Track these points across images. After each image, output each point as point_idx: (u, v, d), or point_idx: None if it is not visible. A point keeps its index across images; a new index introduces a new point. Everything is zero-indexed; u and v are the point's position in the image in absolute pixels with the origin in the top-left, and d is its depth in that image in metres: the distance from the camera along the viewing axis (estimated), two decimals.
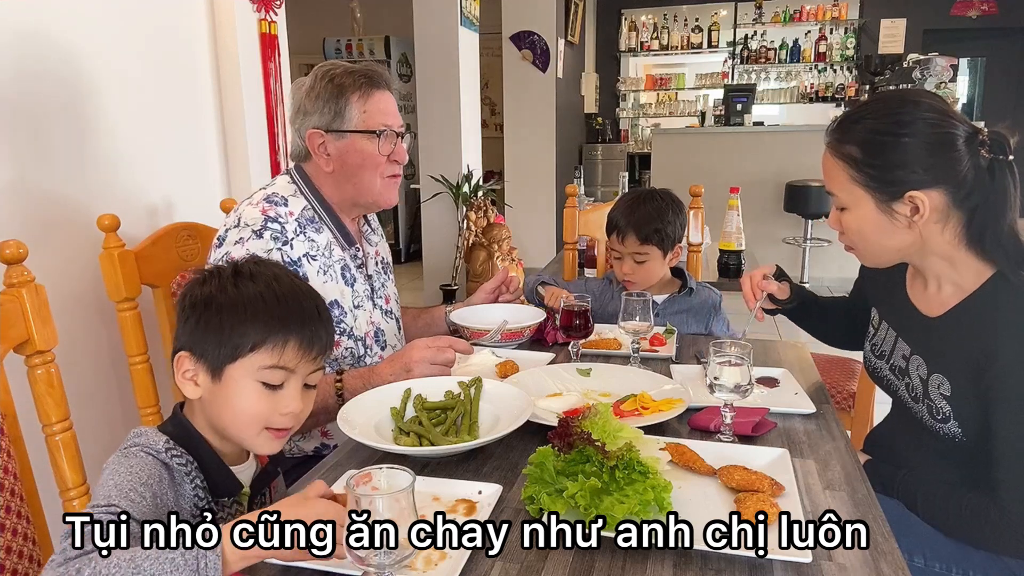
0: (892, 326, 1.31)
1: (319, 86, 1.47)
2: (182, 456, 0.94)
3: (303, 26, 6.30)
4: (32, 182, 1.50)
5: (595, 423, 0.98)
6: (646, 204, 1.82)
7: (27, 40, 1.48)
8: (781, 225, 5.68)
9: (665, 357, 1.60)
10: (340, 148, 1.48)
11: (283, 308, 0.96)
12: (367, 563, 0.71)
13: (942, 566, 1.15)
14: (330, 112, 1.46)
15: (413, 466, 0.95)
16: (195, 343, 0.96)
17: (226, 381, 0.95)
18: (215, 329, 0.94)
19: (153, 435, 0.95)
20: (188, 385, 0.97)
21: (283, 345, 0.94)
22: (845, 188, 1.18)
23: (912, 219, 1.13)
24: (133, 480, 0.86)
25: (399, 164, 1.52)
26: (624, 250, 1.83)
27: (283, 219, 1.43)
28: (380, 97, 1.49)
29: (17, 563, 1.02)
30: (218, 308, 0.95)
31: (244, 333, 0.94)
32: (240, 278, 0.97)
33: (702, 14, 8.49)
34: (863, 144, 1.14)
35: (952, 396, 1.15)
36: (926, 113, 1.11)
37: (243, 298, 0.95)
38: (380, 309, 1.62)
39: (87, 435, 1.29)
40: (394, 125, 1.50)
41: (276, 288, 0.97)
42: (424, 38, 4.66)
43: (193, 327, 0.96)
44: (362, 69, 1.49)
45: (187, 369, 0.96)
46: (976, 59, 7.73)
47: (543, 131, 6.45)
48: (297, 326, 0.96)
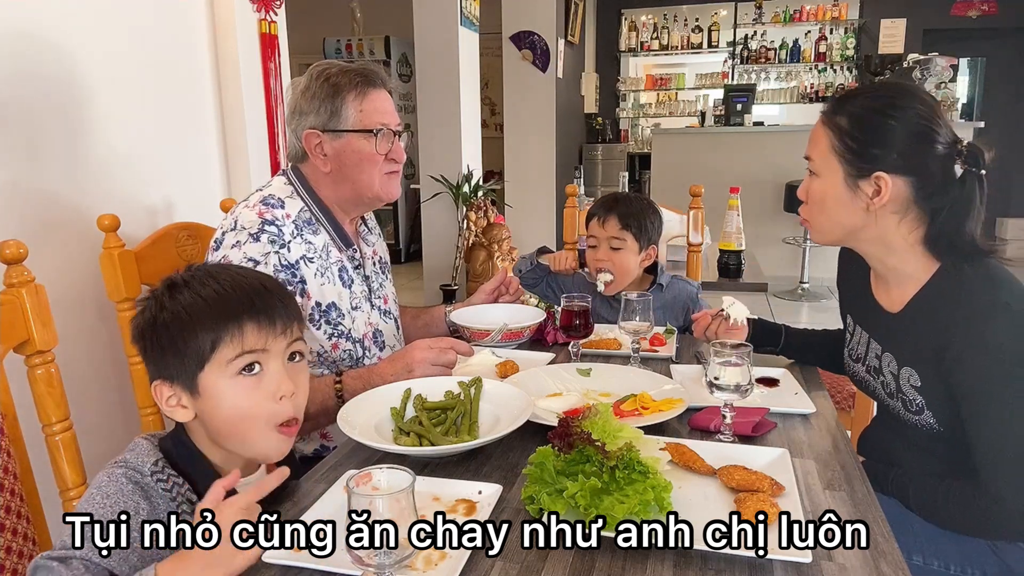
0: (863, 328, 1.35)
1: (315, 86, 1.47)
2: (168, 480, 0.93)
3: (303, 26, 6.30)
4: (32, 182, 1.50)
5: (595, 423, 0.98)
6: (631, 200, 1.90)
7: (26, 40, 1.48)
8: (781, 225, 5.68)
9: (665, 357, 1.60)
10: (337, 148, 1.47)
11: (224, 298, 0.93)
12: (367, 563, 0.71)
13: (940, 564, 1.16)
14: (326, 112, 1.46)
15: (413, 466, 0.95)
16: (161, 368, 0.94)
17: (205, 391, 0.92)
18: (170, 347, 0.92)
19: (145, 452, 0.94)
20: (177, 411, 0.95)
21: (240, 331, 0.91)
22: (823, 155, 1.21)
23: (872, 200, 1.17)
24: (104, 516, 0.85)
25: (397, 162, 1.52)
26: (603, 234, 1.86)
27: (280, 222, 1.42)
28: (376, 96, 1.49)
29: (17, 563, 1.02)
30: (164, 325, 0.92)
31: (197, 337, 0.91)
32: (175, 290, 0.94)
33: (702, 14, 8.49)
34: (853, 117, 1.18)
35: (922, 387, 1.18)
36: (919, 106, 1.15)
37: (183, 306, 0.92)
38: (378, 310, 1.62)
39: (87, 435, 1.29)
40: (391, 123, 1.50)
41: (213, 284, 0.94)
42: (424, 38, 4.66)
43: (152, 353, 0.94)
44: (358, 68, 1.49)
45: (168, 396, 0.94)
46: (976, 59, 7.73)
47: (543, 131, 6.45)
48: (246, 307, 0.93)
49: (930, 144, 1.13)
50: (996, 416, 1.08)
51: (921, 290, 1.20)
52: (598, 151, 8.38)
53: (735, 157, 5.81)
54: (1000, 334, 1.07)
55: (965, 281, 1.13)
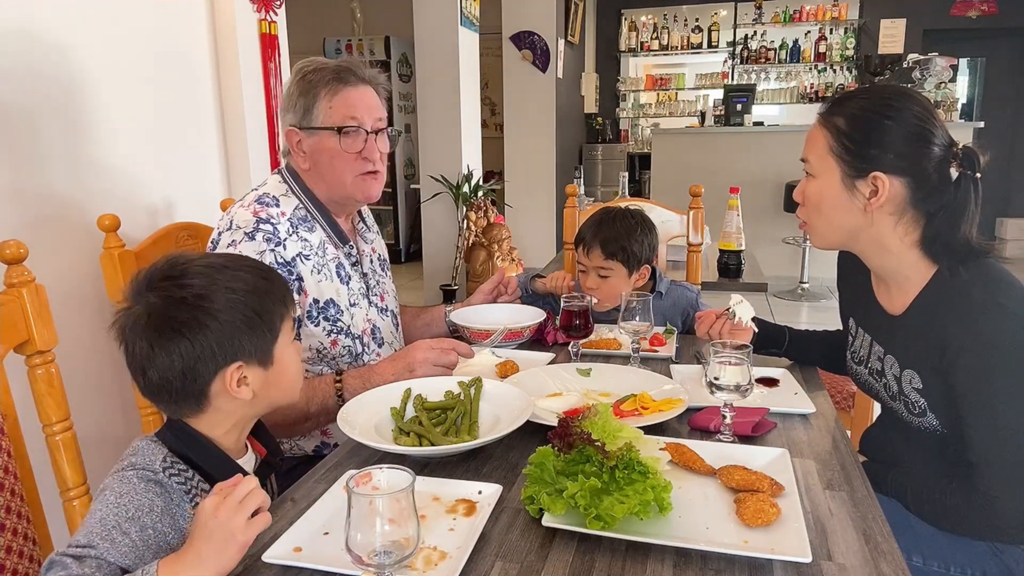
0: (866, 330, 1.35)
1: (293, 83, 1.47)
2: (180, 474, 0.94)
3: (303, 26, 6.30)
4: (32, 182, 1.50)
5: (595, 423, 0.98)
6: (616, 222, 1.81)
7: (26, 39, 1.48)
8: (781, 225, 5.68)
9: (665, 357, 1.60)
10: (311, 145, 1.47)
11: (270, 274, 1.05)
12: (367, 563, 0.71)
13: (940, 564, 1.16)
14: (301, 109, 1.45)
15: (413, 466, 0.95)
16: (237, 350, 0.96)
17: (278, 360, 1.01)
18: (246, 326, 0.96)
19: (150, 452, 0.94)
20: (243, 391, 0.97)
21: (291, 302, 1.05)
22: (820, 156, 1.22)
23: (869, 201, 1.17)
24: (119, 515, 0.86)
25: (370, 161, 1.48)
26: (588, 263, 1.83)
27: (275, 220, 1.42)
28: (348, 93, 1.45)
29: (17, 563, 1.02)
30: (235, 306, 0.96)
31: (272, 311, 1.00)
32: (206, 276, 0.96)
33: (702, 14, 8.49)
34: (850, 118, 1.19)
35: (924, 389, 1.18)
36: (915, 107, 1.16)
37: (250, 286, 0.98)
38: (376, 307, 1.62)
39: (87, 435, 1.29)
40: (365, 121, 1.46)
41: (246, 263, 1.04)
42: (424, 38, 4.66)
43: (224, 334, 0.94)
44: (334, 65, 1.46)
45: (243, 376, 0.97)
46: (976, 59, 7.72)
47: (543, 131, 6.45)
48: (285, 282, 1.07)
49: (927, 145, 1.14)
50: (992, 416, 1.09)
51: (921, 292, 1.20)
52: (598, 151, 8.38)
53: (735, 157, 5.81)
54: (996, 334, 1.07)
55: (961, 282, 1.13)
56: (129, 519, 0.86)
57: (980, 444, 1.10)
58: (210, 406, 0.97)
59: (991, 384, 1.08)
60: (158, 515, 0.89)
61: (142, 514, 0.87)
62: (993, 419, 1.09)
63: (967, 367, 1.10)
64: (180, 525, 0.93)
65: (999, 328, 1.08)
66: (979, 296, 1.10)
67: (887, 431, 1.35)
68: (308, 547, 0.87)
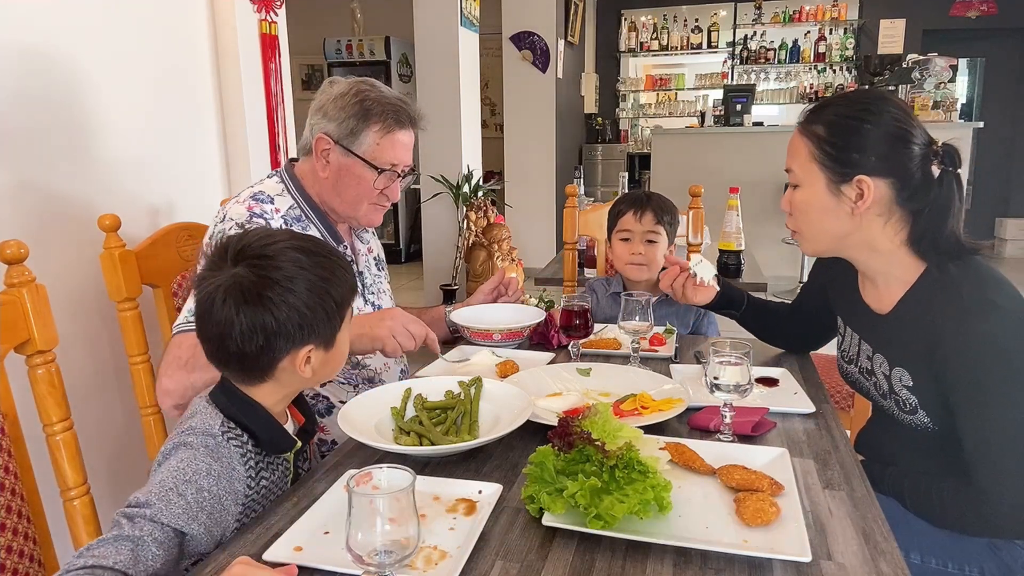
0: (854, 329, 1.36)
1: (348, 99, 1.46)
2: (237, 438, 0.98)
3: (303, 26, 6.30)
4: (33, 182, 1.50)
5: (595, 423, 0.98)
6: (659, 195, 1.94)
7: (27, 40, 1.48)
8: (781, 225, 5.63)
9: (665, 357, 1.60)
10: (341, 164, 1.48)
11: (333, 263, 1.03)
12: (367, 563, 0.72)
13: (939, 562, 1.17)
14: (347, 128, 1.46)
15: (413, 466, 0.95)
16: (315, 332, 0.99)
17: (339, 343, 1.05)
18: (323, 311, 0.99)
19: (209, 416, 0.98)
20: (307, 369, 1.01)
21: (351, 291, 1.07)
22: (803, 165, 1.23)
23: (856, 204, 1.18)
24: (178, 477, 0.90)
25: (388, 199, 1.54)
26: (640, 228, 1.88)
27: (268, 215, 1.45)
28: (399, 137, 1.49)
29: (18, 563, 1.03)
30: (318, 291, 0.98)
31: (340, 298, 1.02)
32: (285, 257, 0.98)
33: (702, 14, 8.48)
34: (829, 125, 1.20)
35: (914, 387, 1.19)
36: (892, 109, 1.17)
37: (327, 271, 1.00)
38: (372, 305, 1.62)
39: (87, 435, 1.29)
40: (400, 166, 1.51)
41: (312, 247, 1.03)
42: (424, 38, 4.66)
43: (306, 319, 0.97)
44: (394, 100, 1.49)
45: (309, 357, 1.00)
46: (975, 59, 7.72)
47: (543, 131, 6.45)
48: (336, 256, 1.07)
49: (907, 145, 1.16)
50: (984, 412, 1.09)
51: (909, 291, 1.21)
52: (598, 151, 8.38)
53: (735, 157, 5.81)
54: (986, 331, 1.08)
55: (951, 280, 1.15)
56: (186, 481, 0.90)
57: (972, 440, 1.11)
58: (272, 379, 1.01)
59: (983, 380, 1.09)
60: (215, 478, 0.93)
61: (199, 477, 0.91)
62: (985, 415, 1.09)
63: (959, 364, 1.10)
64: (236, 488, 0.96)
65: (990, 325, 1.08)
66: (969, 293, 1.11)
67: (880, 429, 1.36)
68: (308, 546, 0.87)
